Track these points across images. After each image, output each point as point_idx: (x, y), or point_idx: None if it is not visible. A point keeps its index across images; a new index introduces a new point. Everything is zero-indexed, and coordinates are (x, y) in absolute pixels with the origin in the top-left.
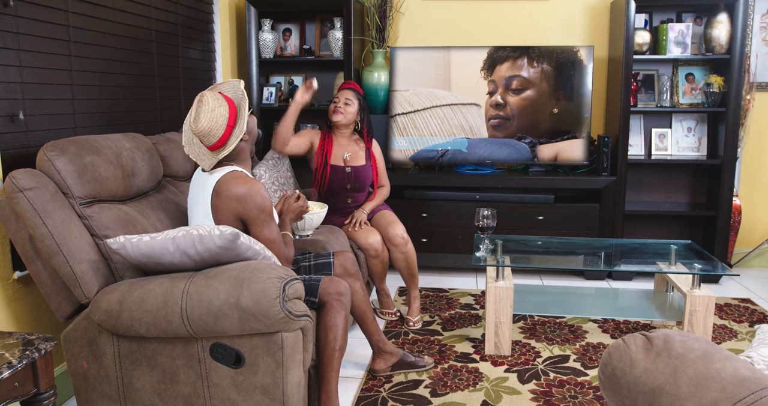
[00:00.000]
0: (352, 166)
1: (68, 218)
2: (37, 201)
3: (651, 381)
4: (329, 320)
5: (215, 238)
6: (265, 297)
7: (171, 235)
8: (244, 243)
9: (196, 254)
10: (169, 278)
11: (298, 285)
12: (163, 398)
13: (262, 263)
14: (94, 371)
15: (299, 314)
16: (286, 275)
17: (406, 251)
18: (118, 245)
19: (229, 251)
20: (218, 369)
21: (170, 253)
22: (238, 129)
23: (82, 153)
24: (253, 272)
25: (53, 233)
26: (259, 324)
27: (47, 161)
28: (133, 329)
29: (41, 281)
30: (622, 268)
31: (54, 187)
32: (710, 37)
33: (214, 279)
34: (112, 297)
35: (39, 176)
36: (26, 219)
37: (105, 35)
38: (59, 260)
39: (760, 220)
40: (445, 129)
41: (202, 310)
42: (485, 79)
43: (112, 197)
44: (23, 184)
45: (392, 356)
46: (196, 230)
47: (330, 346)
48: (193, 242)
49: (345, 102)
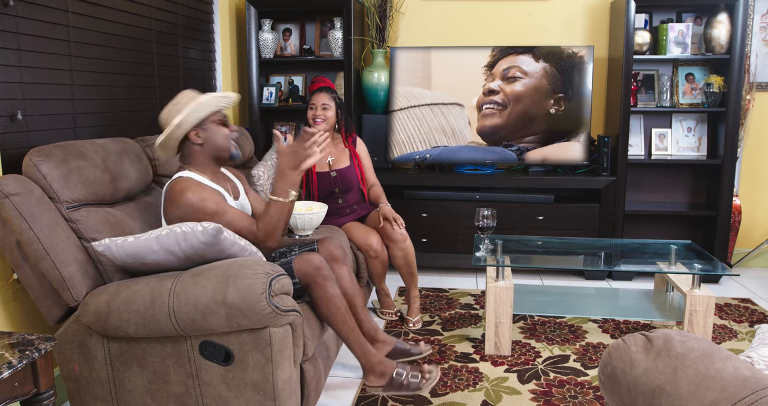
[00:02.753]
0: (337, 169)
1: (55, 222)
2: (23, 206)
3: (651, 381)
4: (322, 295)
5: (198, 234)
6: (251, 293)
7: (155, 234)
8: (228, 238)
9: (180, 252)
10: (156, 277)
11: (285, 281)
12: (155, 398)
13: (248, 259)
14: (85, 373)
15: (287, 309)
16: (272, 270)
17: (405, 247)
18: (103, 247)
19: (213, 246)
20: (208, 367)
21: (155, 252)
22: (175, 127)
23: (68, 158)
24: (239, 268)
25: (40, 237)
26: (246, 320)
27: (33, 166)
28: (122, 329)
29: (30, 286)
30: (622, 268)
31: (40, 192)
32: (710, 37)
33: (200, 277)
34: (100, 299)
35: (25, 181)
36: (13, 224)
37: (105, 35)
38: (47, 264)
39: (760, 220)
40: (427, 131)
41: (189, 308)
42: (485, 79)
43: (100, 201)
44: (9, 189)
45: (386, 345)
46: (179, 228)
47: (338, 314)
48: (177, 240)
49: (323, 107)
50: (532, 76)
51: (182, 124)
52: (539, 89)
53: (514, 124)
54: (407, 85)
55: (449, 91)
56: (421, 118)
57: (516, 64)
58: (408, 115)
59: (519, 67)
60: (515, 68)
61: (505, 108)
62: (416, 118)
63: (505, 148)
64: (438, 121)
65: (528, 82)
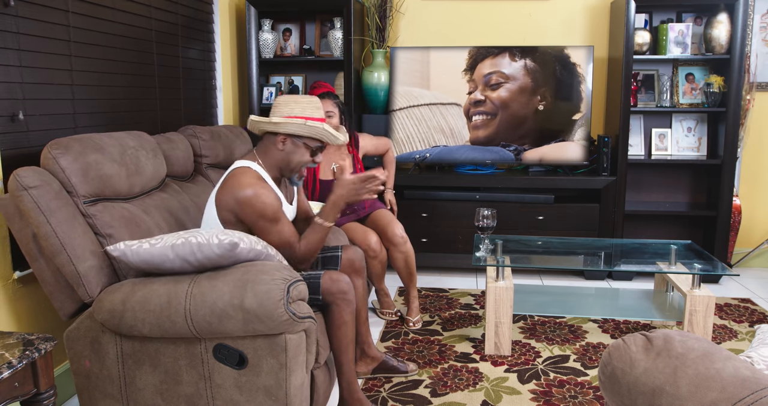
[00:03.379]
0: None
1: (72, 217)
2: (42, 199)
3: (651, 381)
4: (338, 318)
5: (213, 247)
6: (269, 299)
7: (170, 242)
8: (245, 249)
9: (195, 261)
10: (172, 278)
11: (302, 287)
12: (166, 398)
13: (267, 264)
14: (96, 370)
15: (303, 316)
16: (290, 276)
17: (405, 250)
18: (118, 253)
19: (228, 258)
20: (221, 370)
21: (170, 260)
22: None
23: (87, 151)
24: (257, 273)
25: (57, 231)
26: (263, 326)
27: (52, 159)
28: (137, 329)
29: (44, 280)
30: (622, 268)
31: (58, 185)
32: (710, 37)
33: (217, 280)
34: (115, 297)
35: (43, 174)
36: (30, 217)
37: (105, 35)
38: (63, 259)
39: (760, 220)
40: (426, 130)
41: (206, 311)
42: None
43: (116, 196)
44: (27, 182)
45: (373, 361)
46: (195, 238)
47: (344, 341)
48: (192, 250)
49: (328, 115)
50: (514, 79)
51: (285, 126)
52: (523, 90)
53: (505, 131)
54: (407, 85)
55: (448, 91)
56: (420, 118)
57: (497, 68)
58: (407, 115)
59: (500, 71)
60: (496, 74)
61: (495, 117)
62: (415, 118)
63: (503, 148)
64: (437, 120)
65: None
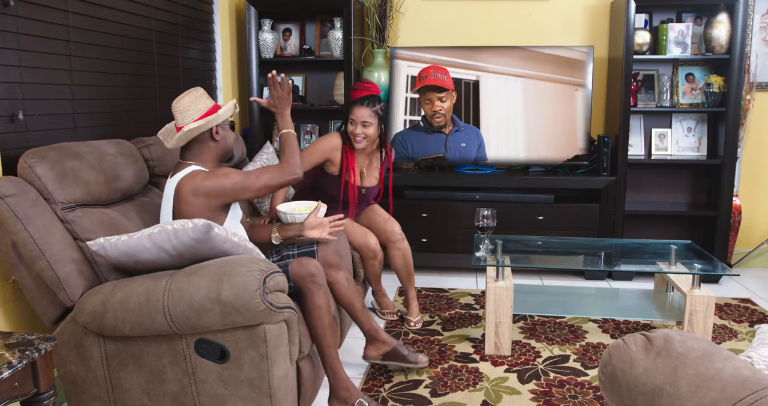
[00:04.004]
0: (367, 187)
1: (50, 223)
2: (18, 207)
3: (651, 381)
4: (309, 303)
5: (188, 231)
6: (245, 290)
7: (147, 232)
8: (220, 234)
9: (172, 249)
10: (151, 277)
11: (279, 278)
12: (152, 398)
13: (243, 257)
14: (82, 373)
15: (281, 306)
16: (267, 268)
17: (403, 247)
18: (97, 247)
19: (204, 243)
20: (204, 365)
21: (147, 250)
22: (213, 118)
23: (63, 159)
24: (234, 266)
25: (35, 237)
26: (241, 317)
27: (27, 168)
28: (118, 329)
29: (26, 287)
30: (622, 268)
31: (35, 193)
32: (710, 37)
33: (194, 275)
34: (96, 299)
35: (20, 183)
36: (8, 225)
37: (105, 35)
38: (42, 265)
39: (760, 220)
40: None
41: (184, 306)
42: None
43: (95, 202)
44: (4, 191)
45: (385, 345)
46: (171, 225)
47: (319, 326)
48: (168, 237)
49: (363, 125)
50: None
51: (218, 118)
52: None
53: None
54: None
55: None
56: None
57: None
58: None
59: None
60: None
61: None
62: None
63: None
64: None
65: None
